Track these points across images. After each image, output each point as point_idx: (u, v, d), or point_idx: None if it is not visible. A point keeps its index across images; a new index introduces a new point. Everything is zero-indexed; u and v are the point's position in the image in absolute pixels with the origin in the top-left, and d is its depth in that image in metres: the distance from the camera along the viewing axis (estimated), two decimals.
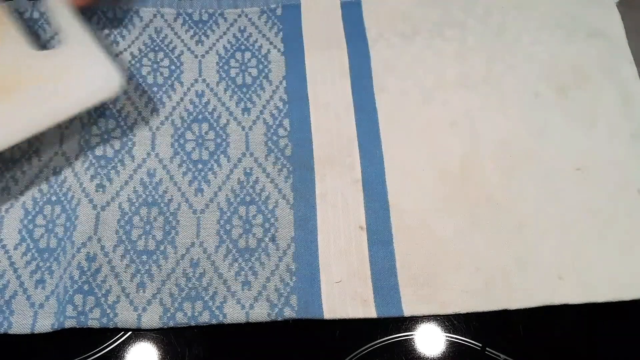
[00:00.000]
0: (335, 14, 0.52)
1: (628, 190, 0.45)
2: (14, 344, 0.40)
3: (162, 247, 0.43)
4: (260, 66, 0.49)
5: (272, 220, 0.44)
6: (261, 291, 0.41)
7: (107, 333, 0.41)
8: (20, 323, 0.40)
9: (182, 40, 0.46)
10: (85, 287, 0.40)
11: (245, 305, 0.41)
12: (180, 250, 0.43)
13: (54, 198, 0.44)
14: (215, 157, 0.46)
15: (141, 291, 0.41)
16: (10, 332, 0.40)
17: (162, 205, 0.44)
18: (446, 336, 0.41)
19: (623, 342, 0.41)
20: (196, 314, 0.41)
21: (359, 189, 0.45)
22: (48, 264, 0.42)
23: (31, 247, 0.42)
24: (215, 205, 0.44)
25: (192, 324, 0.40)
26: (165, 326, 0.40)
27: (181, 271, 0.42)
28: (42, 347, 0.40)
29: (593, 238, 0.44)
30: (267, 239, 0.43)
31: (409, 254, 0.43)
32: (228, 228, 0.43)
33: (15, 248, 0.42)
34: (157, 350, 0.40)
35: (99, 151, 0.45)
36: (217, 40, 0.50)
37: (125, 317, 0.40)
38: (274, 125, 0.47)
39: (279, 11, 0.51)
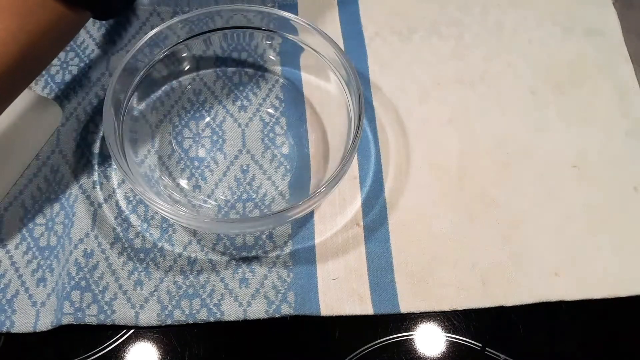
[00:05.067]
0: (332, 12, 0.52)
1: (624, 188, 0.46)
2: (14, 344, 0.40)
3: (159, 245, 0.43)
4: (257, 65, 0.50)
5: None
6: (258, 288, 0.42)
7: (107, 333, 0.41)
8: (23, 322, 0.40)
9: (179, 38, 0.47)
10: (83, 283, 0.41)
11: (242, 302, 0.41)
12: (178, 248, 0.43)
13: (52, 196, 0.44)
14: (212, 154, 0.46)
15: (139, 288, 0.41)
16: (13, 330, 0.40)
17: None
18: (446, 336, 0.41)
19: (621, 340, 0.41)
20: (194, 311, 0.41)
21: (356, 185, 0.45)
22: (49, 262, 0.42)
23: (32, 245, 0.43)
24: (213, 202, 0.44)
25: (190, 321, 0.40)
26: (163, 324, 0.40)
27: (179, 269, 0.42)
28: (42, 347, 0.40)
29: (589, 235, 0.44)
30: (264, 236, 0.43)
31: (405, 250, 0.43)
32: None
33: (16, 247, 0.42)
34: (156, 350, 0.40)
35: (96, 148, 0.45)
36: (215, 38, 0.50)
37: (122, 314, 0.40)
38: (271, 123, 0.47)
39: None
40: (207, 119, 0.48)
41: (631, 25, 0.52)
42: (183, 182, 0.45)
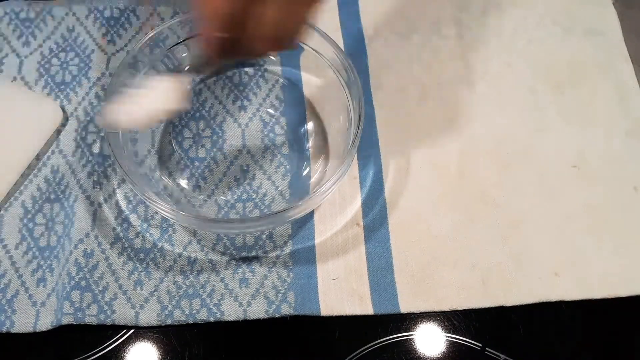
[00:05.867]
0: (332, 12, 0.52)
1: (624, 188, 0.46)
2: (14, 344, 0.40)
3: (159, 245, 0.43)
4: (257, 65, 0.50)
5: None
6: (258, 288, 0.42)
7: (106, 333, 0.41)
8: (23, 322, 0.40)
9: (179, 38, 0.47)
10: (83, 283, 0.41)
11: (242, 302, 0.41)
12: (178, 248, 0.43)
13: (52, 196, 0.44)
14: (212, 154, 0.46)
15: (139, 288, 0.41)
16: (13, 330, 0.40)
17: None
18: (446, 336, 0.41)
19: (621, 340, 0.41)
20: (194, 311, 0.41)
21: (356, 186, 0.45)
22: (49, 262, 0.42)
23: (32, 245, 0.43)
24: (213, 202, 0.44)
25: (190, 321, 0.40)
26: (163, 324, 0.40)
27: (179, 269, 0.42)
28: (42, 347, 0.40)
29: (589, 235, 0.44)
30: (264, 236, 0.43)
31: (405, 250, 0.43)
32: None
33: (16, 247, 0.42)
34: (156, 350, 0.40)
35: (96, 149, 0.45)
36: None
37: (122, 314, 0.40)
38: (271, 123, 0.47)
39: None
40: (207, 119, 0.48)
41: (631, 25, 0.52)
42: (183, 182, 0.45)
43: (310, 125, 0.47)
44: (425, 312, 0.41)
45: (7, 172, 0.44)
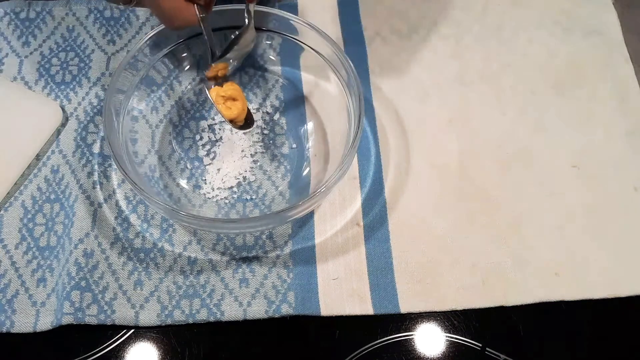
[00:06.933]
0: (332, 12, 0.52)
1: (624, 188, 0.46)
2: (14, 344, 0.40)
3: (159, 245, 0.43)
4: (257, 65, 0.50)
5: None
6: (259, 288, 0.42)
7: (106, 333, 0.41)
8: (23, 322, 0.40)
9: (179, 38, 0.47)
10: (83, 283, 0.41)
11: (242, 302, 0.41)
12: (178, 248, 0.43)
13: (52, 196, 0.44)
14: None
15: (139, 288, 0.41)
16: (13, 330, 0.40)
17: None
18: (446, 336, 0.41)
19: (621, 340, 0.41)
20: (194, 311, 0.41)
21: (356, 186, 0.45)
22: (49, 262, 0.42)
23: (32, 245, 0.43)
24: (213, 202, 0.44)
25: (190, 321, 0.41)
26: (163, 324, 0.40)
27: (179, 269, 0.42)
28: (42, 347, 0.40)
29: (589, 235, 0.44)
30: (264, 236, 0.43)
31: (405, 250, 0.43)
32: None
33: (16, 247, 0.43)
34: (156, 350, 0.40)
35: (96, 148, 0.45)
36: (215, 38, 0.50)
37: (122, 314, 0.40)
38: (271, 123, 0.47)
39: None
40: (207, 119, 0.48)
41: (631, 25, 0.52)
42: (183, 182, 0.45)
43: (310, 125, 0.47)
44: (425, 312, 0.41)
45: (7, 173, 0.44)
